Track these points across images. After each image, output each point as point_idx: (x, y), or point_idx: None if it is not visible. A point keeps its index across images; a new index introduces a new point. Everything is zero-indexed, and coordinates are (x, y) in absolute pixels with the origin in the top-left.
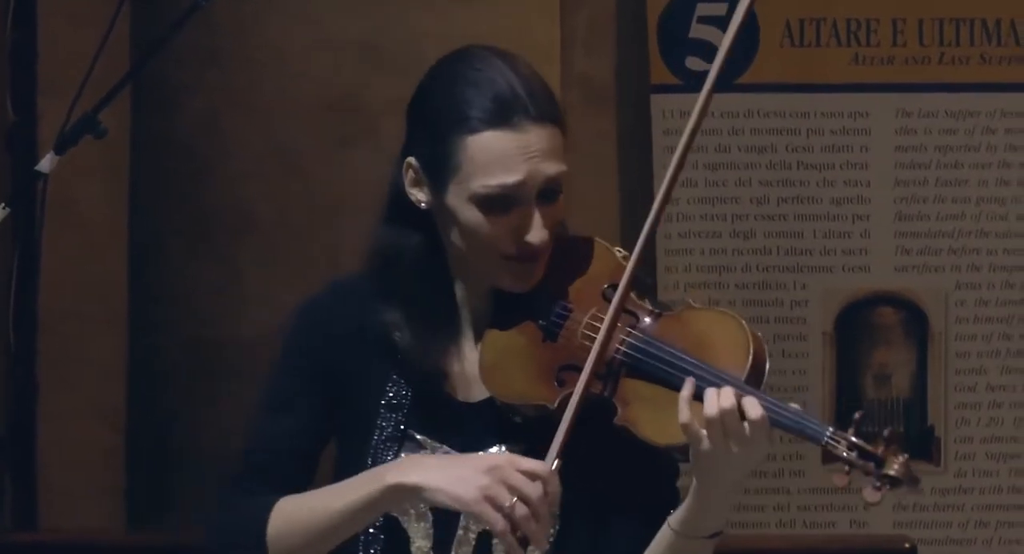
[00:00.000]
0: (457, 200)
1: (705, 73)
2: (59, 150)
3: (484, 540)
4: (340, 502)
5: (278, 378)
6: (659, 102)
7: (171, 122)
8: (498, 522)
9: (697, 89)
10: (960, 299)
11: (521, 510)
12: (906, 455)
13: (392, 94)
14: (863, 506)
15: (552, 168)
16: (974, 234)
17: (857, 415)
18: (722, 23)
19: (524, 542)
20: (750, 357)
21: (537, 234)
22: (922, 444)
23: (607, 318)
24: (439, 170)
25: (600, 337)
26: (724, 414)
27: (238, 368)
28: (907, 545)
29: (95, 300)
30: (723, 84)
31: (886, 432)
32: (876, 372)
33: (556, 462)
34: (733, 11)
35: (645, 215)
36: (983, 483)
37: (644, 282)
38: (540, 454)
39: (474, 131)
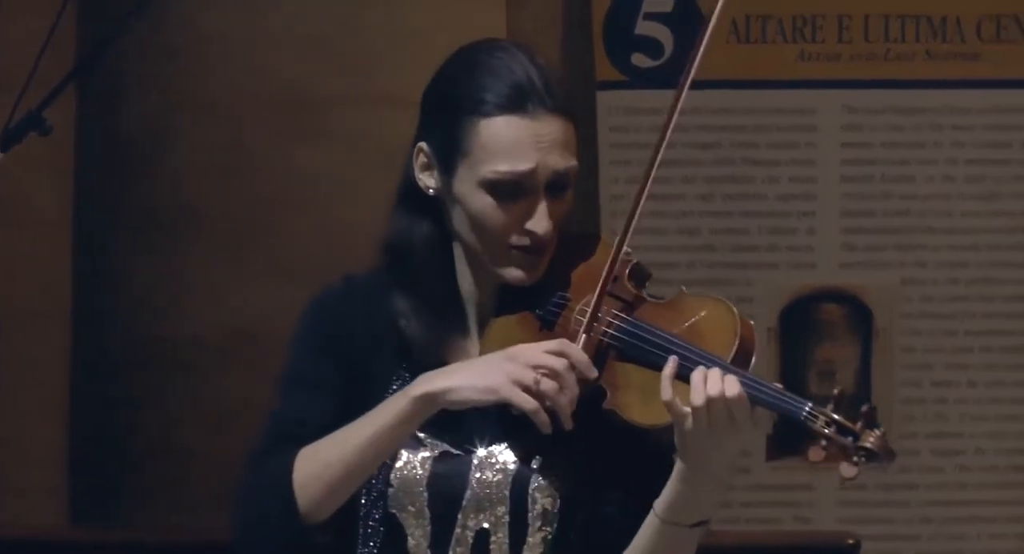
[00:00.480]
0: (466, 185)
1: (651, 70)
2: (3, 147)
3: (481, 538)
4: (370, 428)
5: (297, 362)
6: (605, 99)
7: (117, 118)
8: (528, 401)
9: (643, 86)
10: (906, 295)
11: (548, 384)
12: (883, 430)
13: (340, 89)
14: (808, 502)
15: (563, 161)
16: (920, 230)
17: (836, 391)
18: (668, 20)
19: (552, 416)
20: (737, 340)
21: (542, 224)
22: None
23: (594, 298)
24: (450, 154)
25: (586, 319)
26: (710, 397)
27: (184, 363)
28: (851, 541)
29: (40, 296)
30: (668, 81)
31: (864, 408)
32: (821, 368)
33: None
34: (679, 8)
35: (590, 209)
36: (928, 479)
37: (641, 273)
38: (541, 449)
39: (488, 115)
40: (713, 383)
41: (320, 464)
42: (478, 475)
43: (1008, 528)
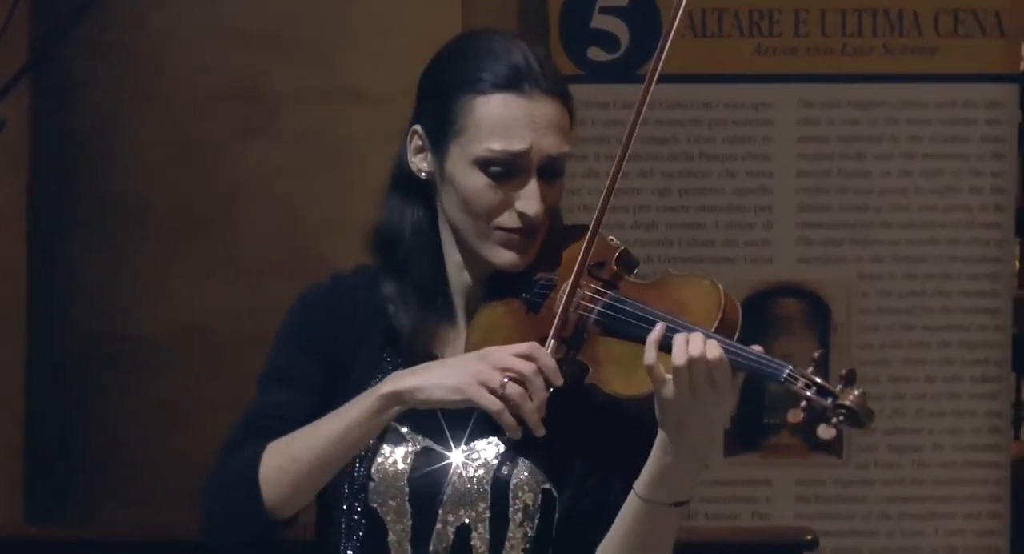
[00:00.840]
0: (459, 164)
1: (607, 64)
2: None
3: (462, 534)
4: (338, 424)
5: (278, 358)
6: None
7: (69, 113)
8: (493, 403)
9: (599, 80)
10: (863, 290)
11: (513, 388)
12: (862, 390)
13: (291, 83)
14: (765, 498)
15: (557, 144)
16: (877, 225)
17: (816, 354)
18: (624, 14)
19: (522, 423)
20: (720, 313)
21: (532, 205)
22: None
23: (572, 275)
24: (444, 132)
25: (563, 297)
26: (691, 358)
27: (137, 360)
28: (809, 537)
29: None
30: (625, 75)
31: (844, 371)
32: None
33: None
34: (634, 2)
35: None
36: (885, 475)
37: (629, 260)
38: (523, 442)
39: (484, 93)
40: (695, 345)
41: (287, 458)
42: (459, 470)
43: (966, 524)
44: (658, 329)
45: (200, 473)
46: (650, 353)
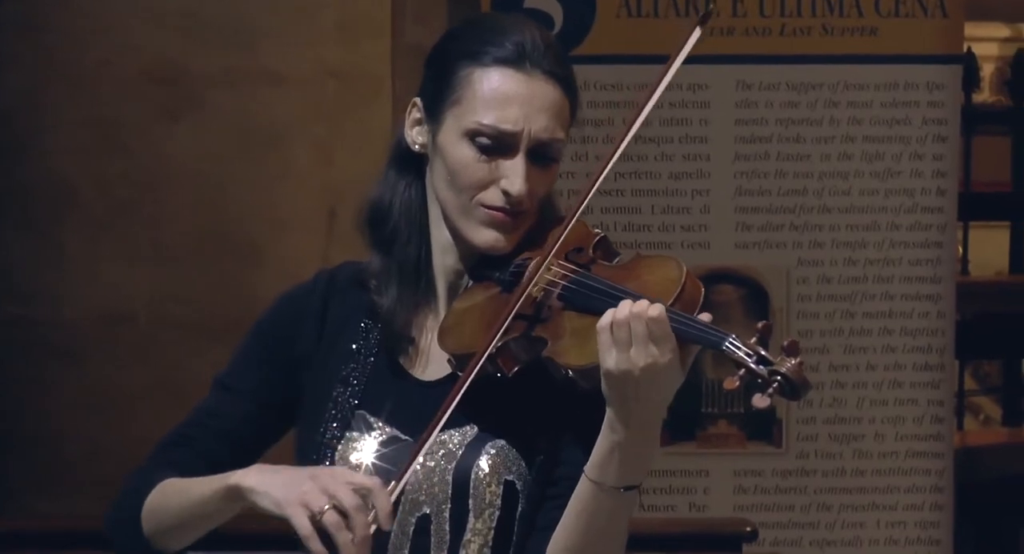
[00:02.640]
0: (451, 135)
1: None
2: None
3: (422, 525)
4: (198, 492)
5: (233, 358)
6: None
7: None
8: (304, 526)
9: None
10: (802, 276)
11: (331, 517)
12: (800, 360)
13: (216, 65)
14: (703, 489)
15: (550, 128)
16: (816, 210)
17: (761, 324)
18: None
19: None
20: (679, 288)
21: (516, 184)
22: (763, 425)
23: (544, 257)
24: (441, 101)
25: (526, 276)
26: (632, 316)
27: (62, 347)
28: (748, 529)
29: None
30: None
31: (785, 342)
32: (716, 352)
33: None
34: None
35: None
36: (826, 465)
37: (607, 248)
38: (485, 434)
39: (485, 65)
40: (638, 305)
41: (163, 503)
42: (421, 460)
43: (907, 515)
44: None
45: (128, 462)
46: (604, 318)
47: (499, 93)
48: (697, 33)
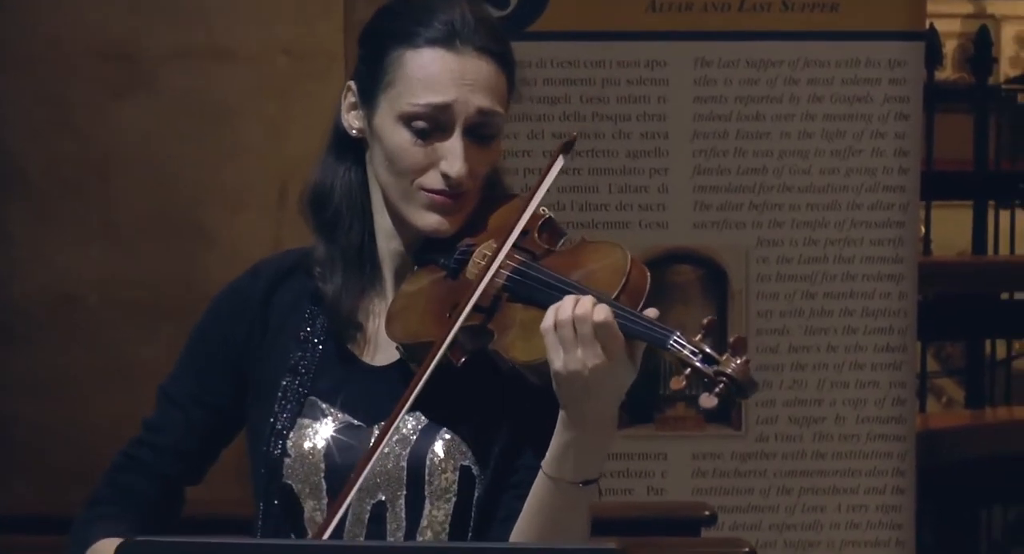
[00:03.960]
0: (386, 119)
1: (497, 20)
2: None
3: (378, 512)
4: None
5: (177, 368)
6: None
7: None
8: None
9: None
10: (761, 256)
11: None
12: (747, 359)
13: (167, 43)
14: (661, 472)
15: (484, 100)
16: (776, 189)
17: (706, 320)
18: None
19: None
20: (623, 280)
21: (455, 165)
22: (721, 408)
23: (499, 250)
24: (374, 86)
25: (483, 267)
26: (576, 318)
27: (10, 329)
28: (707, 513)
29: None
30: (514, 32)
31: (732, 339)
32: None
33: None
34: None
35: None
36: (785, 448)
37: (552, 229)
38: (440, 421)
39: (416, 47)
40: (583, 304)
41: None
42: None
43: (868, 499)
44: (560, 301)
45: (77, 447)
46: (548, 318)
47: (430, 73)
48: (560, 162)
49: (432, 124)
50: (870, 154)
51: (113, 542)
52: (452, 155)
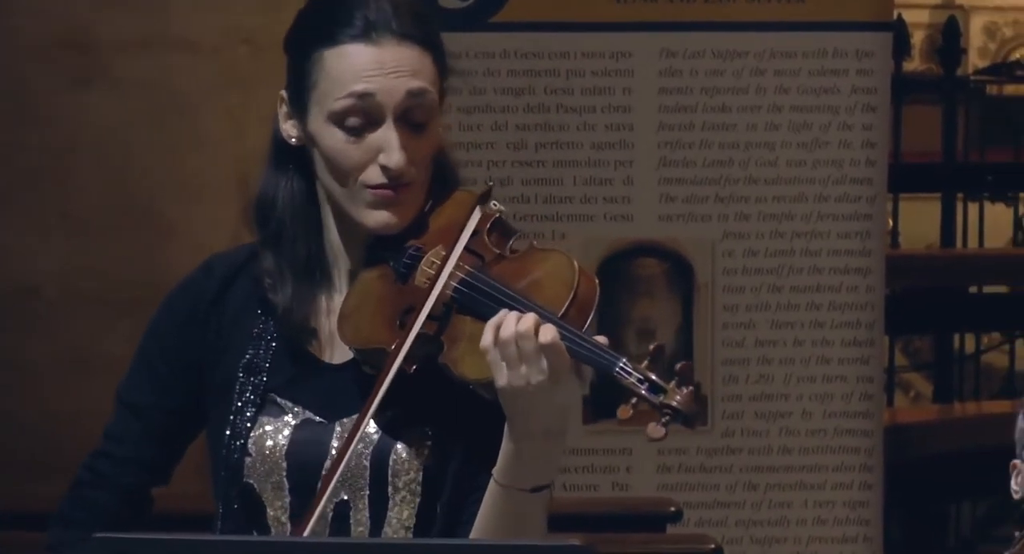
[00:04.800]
0: (318, 122)
1: (458, 12)
2: None
3: (342, 511)
4: None
5: (131, 371)
6: None
7: None
8: None
9: (450, 28)
10: (727, 249)
11: None
12: (692, 388)
13: (126, 31)
14: (626, 468)
15: (411, 82)
16: (742, 181)
17: (652, 346)
18: None
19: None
20: (571, 294)
21: (392, 156)
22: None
23: (449, 256)
24: (302, 91)
25: (435, 275)
26: (518, 336)
27: None
28: (672, 509)
29: None
30: (477, 23)
31: (678, 366)
32: (639, 327)
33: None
34: None
35: None
36: (752, 443)
37: (502, 228)
38: (402, 419)
39: (334, 45)
40: (524, 323)
41: None
42: (338, 444)
43: (836, 495)
44: (500, 315)
45: (37, 439)
46: (487, 336)
47: (350, 67)
48: (477, 214)
49: (363, 119)
50: (837, 146)
51: None
52: (388, 146)
